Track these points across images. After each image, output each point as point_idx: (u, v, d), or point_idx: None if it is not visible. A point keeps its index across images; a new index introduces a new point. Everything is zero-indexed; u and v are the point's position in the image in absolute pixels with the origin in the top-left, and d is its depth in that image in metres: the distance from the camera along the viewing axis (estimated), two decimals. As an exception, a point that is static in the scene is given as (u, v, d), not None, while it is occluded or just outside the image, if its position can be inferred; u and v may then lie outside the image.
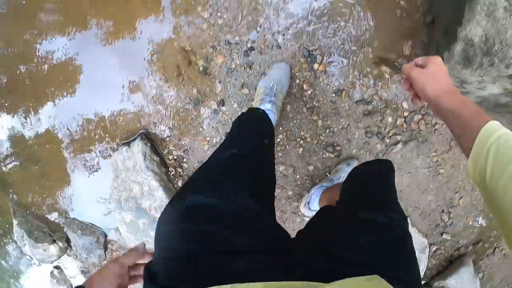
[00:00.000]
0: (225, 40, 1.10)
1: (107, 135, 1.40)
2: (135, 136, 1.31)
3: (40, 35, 1.38)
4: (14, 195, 1.74)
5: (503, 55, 0.77)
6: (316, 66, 1.08)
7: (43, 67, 1.42)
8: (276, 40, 1.07)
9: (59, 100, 1.45)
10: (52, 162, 1.58)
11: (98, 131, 1.41)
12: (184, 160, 1.28)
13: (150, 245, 1.56)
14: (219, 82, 1.14)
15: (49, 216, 1.72)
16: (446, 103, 0.49)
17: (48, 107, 1.48)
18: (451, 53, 0.90)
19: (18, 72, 1.46)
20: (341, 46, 1.08)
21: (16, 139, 1.61)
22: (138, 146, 1.27)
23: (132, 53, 1.23)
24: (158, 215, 1.31)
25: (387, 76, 1.12)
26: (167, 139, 1.28)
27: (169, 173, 1.31)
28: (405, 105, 1.15)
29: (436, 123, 1.18)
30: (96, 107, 1.37)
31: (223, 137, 1.21)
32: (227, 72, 1.12)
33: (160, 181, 1.30)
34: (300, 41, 1.07)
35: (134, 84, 1.27)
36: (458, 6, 0.84)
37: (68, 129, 1.47)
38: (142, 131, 1.30)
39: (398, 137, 1.18)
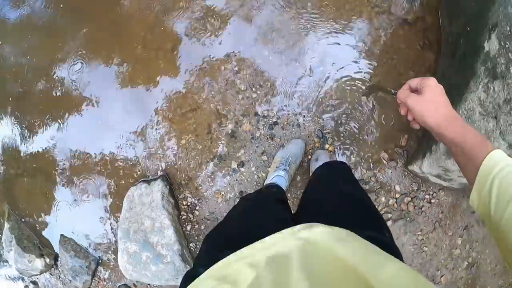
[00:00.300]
0: (255, 112, 1.35)
1: (125, 172, 1.55)
2: (157, 177, 1.48)
3: (70, 58, 1.58)
4: (10, 203, 1.80)
5: (478, 149, 0.99)
6: (327, 146, 1.31)
7: (60, 89, 1.60)
8: (297, 120, 1.32)
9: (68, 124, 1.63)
10: (49, 181, 1.68)
11: (112, 168, 1.56)
12: (197, 208, 1.44)
13: (147, 280, 1.70)
14: (243, 146, 1.36)
15: (43, 231, 1.77)
16: (447, 133, 0.49)
17: (54, 128, 1.64)
18: (437, 146, 1.13)
19: (34, 86, 1.65)
20: (349, 133, 1.33)
21: (12, 150, 1.75)
22: (158, 185, 1.43)
23: (170, 104, 1.45)
24: (164, 252, 1.44)
25: (384, 162, 1.35)
26: (185, 186, 1.45)
27: (181, 216, 1.46)
28: (397, 188, 1.37)
29: (423, 205, 1.39)
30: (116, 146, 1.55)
31: (237, 194, 1.39)
32: (251, 139, 1.35)
33: (172, 221, 1.43)
34: (316, 124, 1.32)
35: (165, 131, 1.47)
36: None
37: (72, 155, 1.62)
38: (163, 173, 1.47)
39: (389, 215, 1.38)
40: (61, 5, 1.64)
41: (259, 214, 0.77)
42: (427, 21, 1.38)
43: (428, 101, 0.52)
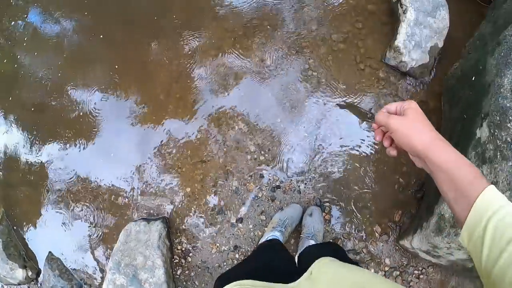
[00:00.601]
0: (260, 174, 1.47)
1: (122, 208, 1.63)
2: (157, 217, 1.56)
3: (85, 84, 1.70)
4: (6, 208, 1.83)
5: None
6: (323, 214, 1.41)
7: (80, 113, 1.71)
8: (299, 187, 1.44)
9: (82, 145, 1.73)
10: (50, 198, 1.75)
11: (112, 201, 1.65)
12: (190, 254, 1.51)
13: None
14: (244, 203, 1.47)
15: (31, 244, 1.81)
16: (436, 157, 0.46)
17: (66, 148, 1.73)
18: (428, 223, 1.20)
19: (57, 103, 1.76)
20: (347, 204, 1.43)
21: (21, 159, 1.82)
22: (157, 226, 1.51)
23: (182, 152, 1.57)
24: (149, 290, 1.47)
25: (377, 235, 1.44)
26: (183, 231, 1.53)
27: (173, 260, 1.53)
28: (387, 261, 1.45)
29: (411, 280, 1.46)
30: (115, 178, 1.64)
31: (232, 248, 1.48)
32: (253, 198, 1.46)
33: (164, 262, 1.50)
34: (316, 193, 1.43)
35: (173, 176, 1.58)
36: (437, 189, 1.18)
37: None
38: (164, 216, 1.55)
39: (377, 288, 1.44)
40: (101, 36, 1.79)
41: (262, 260, 0.87)
42: (429, 105, 1.52)
43: (413, 122, 0.50)
